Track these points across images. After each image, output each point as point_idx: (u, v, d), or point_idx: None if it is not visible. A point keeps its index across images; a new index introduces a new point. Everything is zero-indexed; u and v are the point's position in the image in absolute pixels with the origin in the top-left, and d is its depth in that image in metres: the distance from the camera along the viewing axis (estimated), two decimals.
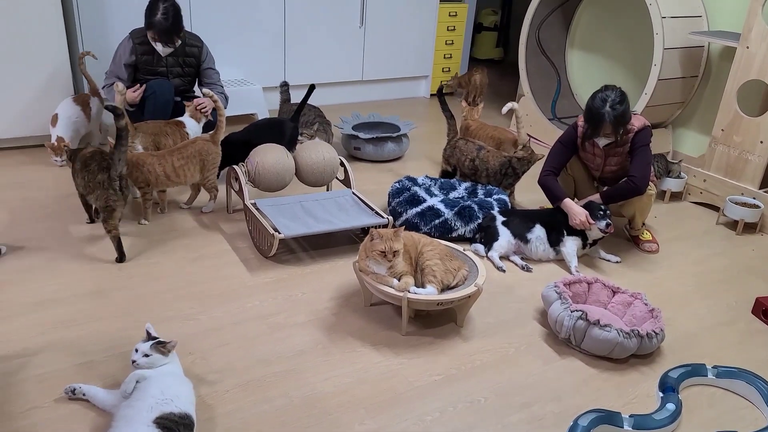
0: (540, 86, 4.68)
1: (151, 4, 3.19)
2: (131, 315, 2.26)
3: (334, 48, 4.91)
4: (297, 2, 4.59)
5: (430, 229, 2.92)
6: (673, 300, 2.61)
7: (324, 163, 3.05)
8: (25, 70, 3.49)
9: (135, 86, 3.28)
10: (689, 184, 3.59)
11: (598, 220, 2.75)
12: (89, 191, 2.60)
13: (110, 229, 2.56)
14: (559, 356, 2.21)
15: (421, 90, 5.61)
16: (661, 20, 3.59)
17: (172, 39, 3.26)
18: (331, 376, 2.03)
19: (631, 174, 2.79)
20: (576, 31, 4.75)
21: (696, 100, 3.99)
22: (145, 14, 3.20)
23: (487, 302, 2.50)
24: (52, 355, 2.02)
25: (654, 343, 2.17)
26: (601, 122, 2.72)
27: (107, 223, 2.55)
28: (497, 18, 7.12)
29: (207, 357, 2.07)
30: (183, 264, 2.62)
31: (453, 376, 2.07)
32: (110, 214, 2.54)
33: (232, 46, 4.44)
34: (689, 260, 2.96)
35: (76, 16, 3.80)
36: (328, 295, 2.48)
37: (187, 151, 2.91)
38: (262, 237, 2.71)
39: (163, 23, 3.17)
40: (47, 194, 3.15)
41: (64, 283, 2.42)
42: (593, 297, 2.48)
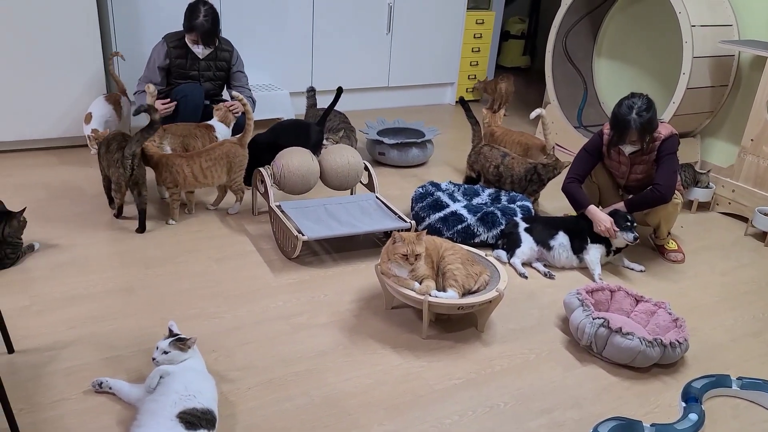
0: (566, 94, 4.66)
1: (192, 6, 3.29)
2: (158, 312, 2.31)
3: (360, 54, 4.96)
4: (325, 9, 4.65)
5: (452, 234, 2.93)
6: (699, 310, 2.58)
7: (348, 167, 3.08)
8: (58, 73, 3.60)
9: (165, 100, 3.35)
10: (717, 194, 3.55)
11: (625, 231, 2.73)
12: (109, 169, 2.83)
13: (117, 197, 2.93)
14: (581, 363, 2.20)
15: (446, 97, 5.63)
16: (691, 29, 3.56)
17: (213, 40, 3.37)
18: (352, 377, 2.05)
19: (656, 182, 2.77)
20: (603, 40, 4.73)
21: (725, 109, 3.94)
22: (185, 17, 3.29)
23: (508, 308, 2.49)
24: (81, 349, 2.07)
25: (677, 353, 2.14)
26: (627, 129, 2.70)
27: (117, 194, 2.90)
28: (524, 26, 7.11)
29: (230, 355, 2.11)
30: (208, 264, 2.67)
31: (473, 381, 2.07)
32: (118, 189, 2.87)
33: (260, 52, 4.51)
34: (716, 271, 2.92)
35: (110, 20, 3.90)
36: (349, 297, 2.50)
37: (215, 153, 2.97)
38: (286, 239, 2.74)
39: (205, 25, 3.27)
40: (78, 194, 3.23)
41: (94, 280, 2.48)
42: (616, 305, 2.46)
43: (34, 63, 3.52)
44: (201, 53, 3.39)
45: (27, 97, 3.58)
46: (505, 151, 3.34)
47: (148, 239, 2.83)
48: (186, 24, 3.30)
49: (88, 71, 3.66)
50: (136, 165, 2.79)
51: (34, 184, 3.32)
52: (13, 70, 3.49)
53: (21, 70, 3.51)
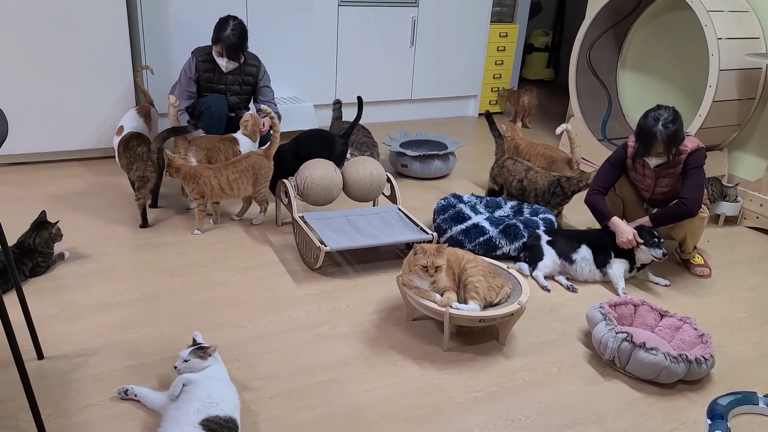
0: (590, 107, 4.64)
1: (222, 20, 3.36)
2: (183, 321, 2.35)
3: (384, 67, 5.00)
4: (349, 23, 4.70)
5: (474, 247, 2.93)
6: (725, 326, 2.54)
7: (371, 179, 3.11)
8: (90, 87, 3.70)
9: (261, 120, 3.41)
10: (745, 209, 3.49)
11: (652, 247, 2.70)
12: (130, 166, 2.98)
13: (140, 197, 2.99)
14: (603, 378, 2.18)
15: (469, 109, 5.64)
16: (717, 41, 3.53)
17: (237, 55, 3.41)
18: (373, 388, 2.06)
19: (683, 196, 2.74)
20: (628, 52, 4.71)
21: (753, 122, 3.89)
22: (215, 29, 3.36)
23: (530, 321, 2.48)
24: (108, 355, 2.12)
25: (703, 369, 2.11)
26: (652, 141, 2.69)
27: (139, 192, 2.98)
28: (548, 39, 7.11)
29: (253, 364, 2.13)
30: (233, 273, 2.71)
31: (494, 394, 2.07)
32: (144, 185, 2.97)
33: (285, 65, 4.57)
34: (743, 286, 2.88)
35: (140, 35, 4.00)
36: (371, 308, 2.51)
37: (241, 165, 3.02)
38: (309, 249, 2.77)
39: (231, 38, 3.34)
40: (108, 204, 3.31)
41: (122, 289, 2.53)
42: (639, 320, 2.44)
43: (67, 77, 3.63)
44: (225, 67, 3.44)
45: (61, 110, 3.68)
46: (528, 165, 3.34)
47: (174, 249, 2.88)
48: (214, 36, 3.37)
49: (119, 85, 3.75)
50: (161, 158, 3.03)
51: (66, 194, 3.40)
52: (48, 85, 3.60)
53: (55, 84, 3.61)
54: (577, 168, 3.18)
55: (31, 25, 3.45)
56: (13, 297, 2.12)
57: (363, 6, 4.72)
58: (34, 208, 2.71)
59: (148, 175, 2.97)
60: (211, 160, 3.20)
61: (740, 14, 3.71)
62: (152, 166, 2.98)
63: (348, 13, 4.68)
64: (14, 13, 3.39)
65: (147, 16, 3.98)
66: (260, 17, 4.33)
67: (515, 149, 3.71)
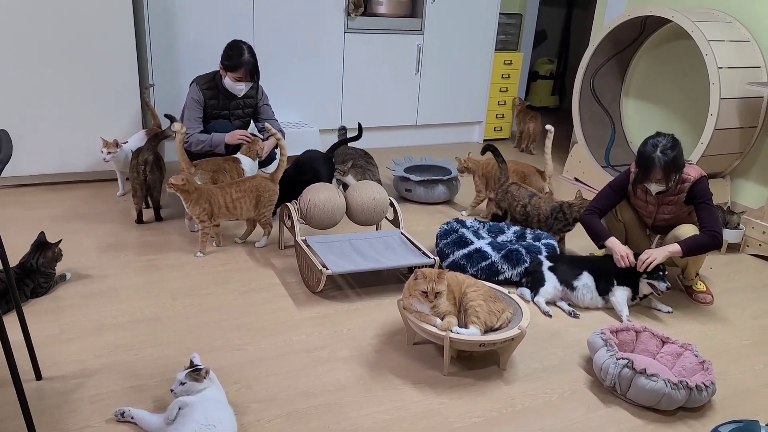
0: (594, 134, 4.67)
1: (233, 46, 3.36)
2: (183, 343, 2.35)
3: (389, 93, 5.06)
4: (356, 49, 4.77)
5: (476, 271, 2.93)
6: (728, 353, 2.52)
7: (374, 203, 3.12)
8: (98, 109, 3.76)
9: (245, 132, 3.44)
10: (748, 236, 3.49)
11: (657, 279, 2.69)
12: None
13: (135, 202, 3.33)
14: (604, 404, 2.16)
15: (474, 135, 5.68)
16: (718, 70, 3.57)
17: (257, 76, 3.44)
18: (372, 412, 2.05)
19: (712, 228, 2.69)
20: (631, 80, 4.75)
21: (755, 150, 3.90)
22: (228, 56, 3.34)
23: (531, 346, 2.47)
24: (107, 377, 2.12)
25: (704, 396, 2.09)
26: (651, 167, 2.70)
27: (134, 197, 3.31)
28: (553, 67, 7.18)
29: (252, 386, 2.13)
30: (234, 296, 2.72)
31: (493, 419, 2.05)
32: (133, 194, 3.29)
33: (291, 89, 4.64)
34: (746, 313, 2.86)
35: (148, 57, 4.07)
36: (372, 332, 2.51)
37: (245, 185, 3.05)
38: (311, 272, 2.78)
39: (251, 60, 3.36)
40: (111, 226, 3.34)
41: (123, 310, 2.54)
42: (641, 346, 2.42)
43: (74, 99, 3.69)
44: (243, 91, 3.44)
45: (68, 132, 3.74)
46: (532, 191, 3.35)
47: (176, 271, 2.89)
48: (231, 63, 3.33)
49: (127, 107, 3.81)
50: (149, 171, 3.23)
51: (71, 215, 3.43)
52: (55, 107, 3.66)
53: (62, 107, 3.68)
54: (579, 195, 3.20)
55: (38, 47, 3.53)
56: (13, 317, 2.14)
57: (369, 33, 4.80)
58: (38, 230, 2.73)
59: (137, 187, 3.24)
60: (217, 182, 3.22)
61: (741, 44, 3.75)
62: (137, 177, 3.22)
63: (354, 40, 4.75)
64: (22, 35, 3.47)
65: (155, 38, 4.05)
66: (267, 42, 4.41)
67: (485, 166, 3.73)
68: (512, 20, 5.66)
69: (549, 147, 3.54)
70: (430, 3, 4.93)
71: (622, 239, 3.05)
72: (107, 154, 3.51)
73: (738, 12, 3.90)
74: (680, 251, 2.69)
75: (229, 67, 3.36)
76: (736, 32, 3.80)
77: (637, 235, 3.06)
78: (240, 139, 3.37)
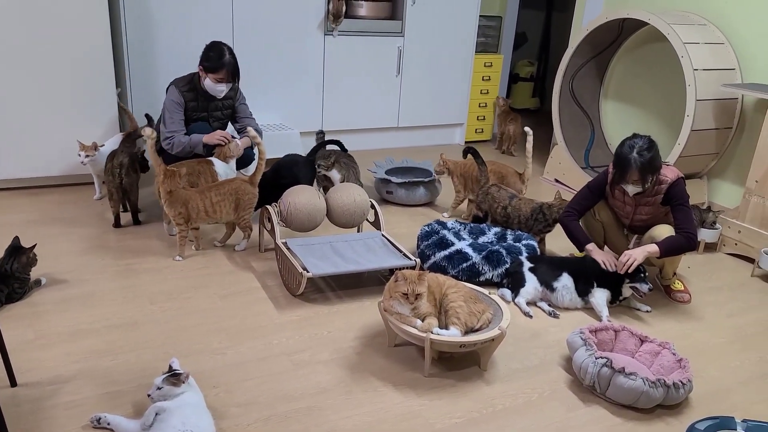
0: (573, 135, 4.71)
1: (213, 47, 3.33)
2: (161, 347, 2.32)
3: (370, 95, 5.06)
4: (336, 52, 4.77)
5: (457, 273, 2.93)
6: (705, 351, 2.55)
7: (355, 205, 3.12)
8: (74, 112, 3.71)
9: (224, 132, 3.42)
10: (724, 235, 3.54)
11: (639, 282, 2.72)
12: None
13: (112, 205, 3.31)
14: (584, 404, 2.17)
15: (456, 137, 5.70)
16: (693, 72, 3.61)
17: (237, 77, 3.42)
18: (352, 415, 2.04)
19: (687, 230, 2.73)
20: (610, 82, 4.80)
21: (731, 151, 3.96)
22: (209, 58, 3.31)
23: (512, 347, 2.48)
24: (83, 383, 2.09)
25: (681, 394, 2.12)
26: (627, 168, 2.73)
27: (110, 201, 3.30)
28: (533, 69, 7.23)
29: (231, 390, 2.11)
30: (214, 300, 2.69)
31: (474, 420, 2.05)
32: (110, 196, 3.28)
33: (271, 92, 4.62)
34: (723, 312, 2.90)
35: (125, 60, 4.03)
36: (353, 334, 2.50)
37: (224, 188, 3.03)
38: (291, 275, 2.77)
39: (232, 61, 3.34)
40: (88, 231, 3.29)
41: (100, 315, 2.51)
42: (620, 345, 2.44)
43: (50, 103, 3.64)
44: (223, 92, 3.42)
45: (44, 136, 3.68)
46: (513, 192, 3.37)
47: (155, 275, 2.86)
48: (212, 64, 3.31)
49: (103, 110, 3.76)
50: (124, 174, 3.22)
51: (46, 220, 3.38)
52: (30, 110, 3.61)
53: (37, 110, 3.62)
54: (558, 196, 3.22)
55: (13, 51, 3.47)
56: None
57: (349, 36, 4.80)
58: (12, 235, 2.69)
59: (113, 190, 3.24)
60: (193, 185, 3.19)
61: (716, 46, 3.81)
62: (114, 182, 3.21)
63: (334, 42, 4.74)
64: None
65: (132, 41, 4.01)
66: (247, 44, 4.38)
67: (463, 166, 3.75)
68: (492, 22, 5.69)
69: (530, 150, 3.57)
70: (410, 5, 4.94)
71: (600, 239, 3.07)
72: (85, 157, 3.47)
73: (712, 15, 3.96)
74: (658, 252, 2.71)
75: (210, 68, 3.33)
76: (710, 35, 3.85)
77: (615, 235, 3.09)
78: (219, 140, 3.35)
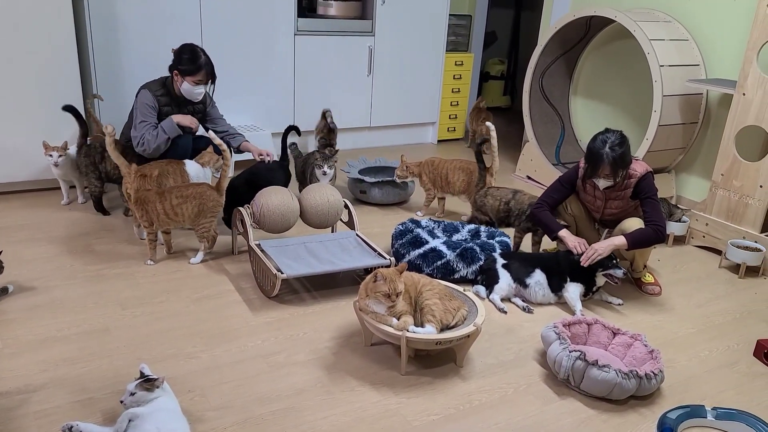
0: (544, 132, 4.76)
1: (188, 49, 3.29)
2: (134, 353, 2.29)
3: (342, 95, 5.05)
4: (306, 52, 4.75)
5: (432, 271, 2.94)
6: (675, 342, 2.60)
7: (328, 205, 3.11)
8: (39, 117, 3.63)
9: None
10: (692, 228, 3.61)
11: (613, 268, 2.75)
12: None
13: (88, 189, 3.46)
14: (559, 397, 2.20)
15: (428, 136, 5.72)
16: (660, 68, 3.68)
17: (214, 78, 3.38)
18: (330, 415, 2.03)
19: (656, 222, 2.76)
20: (579, 79, 4.86)
21: (697, 145, 4.04)
22: (185, 60, 3.27)
23: (487, 343, 2.50)
24: (53, 391, 2.04)
25: (653, 384, 2.15)
26: (599, 162, 2.77)
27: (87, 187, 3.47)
28: (504, 67, 7.29)
29: (206, 395, 2.09)
30: (187, 303, 2.66)
31: (451, 416, 2.06)
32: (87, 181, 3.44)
33: (242, 93, 4.58)
34: (692, 303, 2.96)
35: (91, 64, 3.95)
36: (329, 335, 2.50)
37: (187, 191, 2.93)
38: (266, 277, 2.74)
39: (209, 62, 3.31)
40: (55, 236, 3.23)
41: (69, 322, 2.46)
42: (593, 338, 2.48)
43: (15, 109, 3.56)
44: (201, 95, 3.38)
45: (7, 140, 3.60)
46: (515, 189, 3.33)
47: (126, 280, 2.82)
48: (188, 67, 3.27)
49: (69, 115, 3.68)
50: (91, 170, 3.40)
51: (12, 226, 3.31)
52: None
53: (1, 115, 3.54)
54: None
55: None
56: None
57: (320, 35, 4.78)
58: None
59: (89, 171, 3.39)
60: (162, 185, 3.13)
61: (680, 42, 3.88)
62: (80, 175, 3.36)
63: (305, 42, 4.72)
64: None
65: (97, 46, 3.94)
66: (216, 46, 4.33)
67: (431, 164, 3.77)
68: (462, 21, 5.72)
69: (495, 144, 3.60)
70: (380, 5, 4.94)
71: (572, 233, 3.10)
72: (58, 157, 3.42)
73: (677, 12, 4.04)
74: (626, 244, 2.76)
75: (188, 71, 3.28)
76: (675, 31, 3.93)
77: (586, 229, 3.13)
78: (190, 123, 3.32)
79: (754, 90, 3.24)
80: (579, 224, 3.13)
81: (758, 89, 3.22)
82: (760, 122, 3.23)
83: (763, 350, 2.47)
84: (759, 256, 3.21)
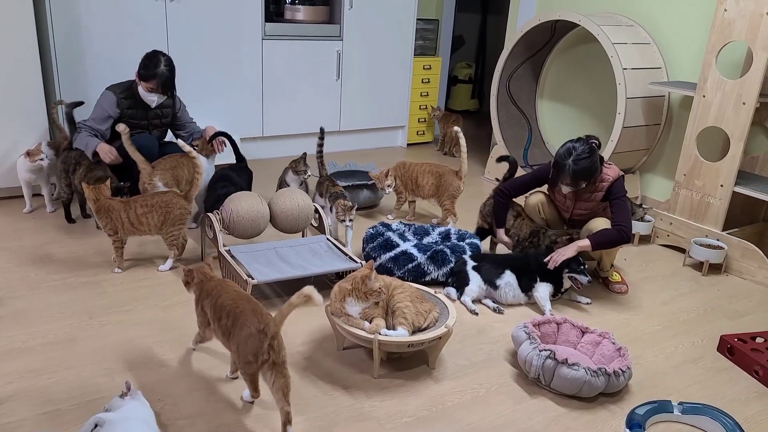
0: (512, 135, 4.82)
1: (151, 56, 3.30)
2: (102, 363, 2.24)
3: (311, 99, 5.03)
4: (274, 56, 4.73)
5: (403, 274, 2.96)
6: (642, 339, 2.66)
7: (298, 210, 3.10)
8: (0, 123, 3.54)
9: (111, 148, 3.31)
10: (657, 227, 3.69)
11: (579, 274, 2.79)
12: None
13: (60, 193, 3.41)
14: (530, 396, 2.22)
15: (398, 140, 5.73)
16: (623, 71, 3.76)
17: (170, 90, 3.38)
18: (302, 420, 2.02)
19: (621, 223, 2.81)
20: (545, 82, 4.93)
21: (660, 146, 4.14)
22: (144, 66, 3.28)
23: (459, 344, 2.52)
24: (19, 404, 2.00)
25: (621, 381, 2.19)
26: (561, 172, 2.83)
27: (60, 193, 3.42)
28: (471, 71, 7.36)
29: (177, 403, 2.06)
30: (156, 311, 2.62)
31: (424, 418, 2.07)
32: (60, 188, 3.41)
33: (210, 98, 4.53)
34: (657, 300, 3.02)
35: (54, 68, 3.87)
36: (300, 340, 2.49)
37: (152, 200, 2.90)
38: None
39: (166, 74, 3.30)
40: (18, 246, 3.15)
41: (35, 332, 2.40)
42: (563, 337, 2.52)
43: None
44: (155, 102, 3.38)
45: None
46: (518, 210, 3.26)
47: (93, 288, 2.76)
48: (145, 72, 3.28)
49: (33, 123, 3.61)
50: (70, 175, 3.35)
51: None
52: None
53: None
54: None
55: None
56: None
57: (287, 40, 4.77)
58: None
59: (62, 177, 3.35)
60: (178, 179, 3.20)
61: (642, 46, 3.97)
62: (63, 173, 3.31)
63: (272, 47, 4.70)
64: None
65: (60, 49, 3.85)
66: (183, 52, 4.29)
67: (402, 167, 3.79)
68: (430, 26, 5.76)
69: (464, 148, 3.63)
70: (348, 9, 4.95)
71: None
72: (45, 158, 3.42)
73: (639, 17, 4.14)
74: (589, 246, 2.81)
75: (144, 76, 3.30)
76: (637, 35, 4.02)
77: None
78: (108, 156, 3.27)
79: (713, 92, 3.33)
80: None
81: (717, 91, 3.31)
82: (719, 123, 3.32)
83: (726, 345, 2.54)
84: (721, 253, 3.30)
